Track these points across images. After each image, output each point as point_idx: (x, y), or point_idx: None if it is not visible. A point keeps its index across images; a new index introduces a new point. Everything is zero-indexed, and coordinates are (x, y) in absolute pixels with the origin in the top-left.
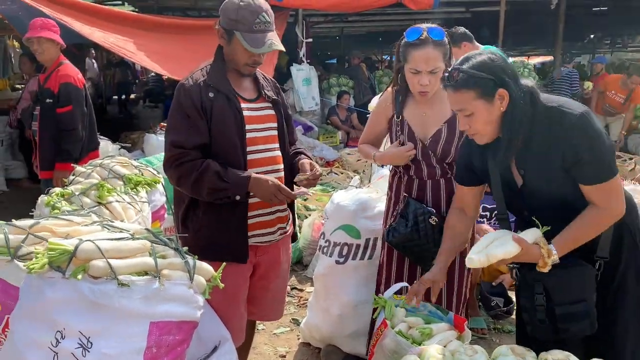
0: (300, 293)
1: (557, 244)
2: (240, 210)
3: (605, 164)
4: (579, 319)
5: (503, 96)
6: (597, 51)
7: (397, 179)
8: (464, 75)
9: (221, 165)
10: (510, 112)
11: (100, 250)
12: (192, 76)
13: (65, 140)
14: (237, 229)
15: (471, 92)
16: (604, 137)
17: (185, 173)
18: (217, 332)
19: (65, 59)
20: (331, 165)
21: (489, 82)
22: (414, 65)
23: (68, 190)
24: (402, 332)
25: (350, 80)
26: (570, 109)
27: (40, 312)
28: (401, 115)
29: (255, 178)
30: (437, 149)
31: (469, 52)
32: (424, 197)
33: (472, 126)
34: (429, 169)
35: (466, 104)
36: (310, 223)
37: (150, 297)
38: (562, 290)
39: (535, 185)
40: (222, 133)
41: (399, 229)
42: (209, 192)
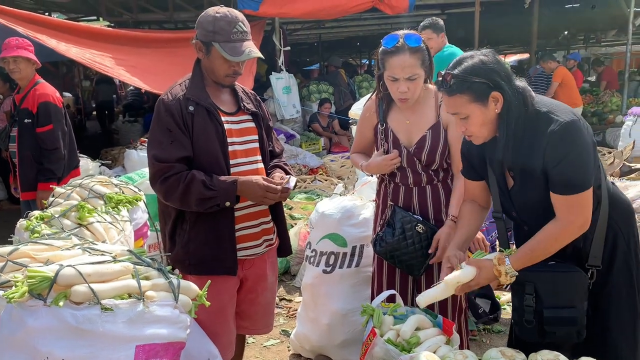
0: (289, 304)
1: (513, 258)
2: (228, 222)
3: (578, 177)
4: (566, 324)
5: (497, 98)
6: (571, 47)
7: (384, 186)
8: (457, 80)
9: (206, 174)
10: (505, 114)
11: (82, 275)
12: (171, 91)
13: (48, 160)
14: (226, 240)
15: (465, 96)
16: (584, 149)
17: (172, 187)
18: (206, 350)
19: (40, 78)
20: (315, 172)
21: (482, 85)
22: (391, 73)
23: (47, 213)
24: (391, 340)
25: (330, 87)
26: (558, 116)
27: (22, 342)
28: (385, 123)
29: (243, 182)
30: (421, 155)
31: (462, 55)
32: (410, 204)
33: (468, 128)
34: (414, 176)
35: (461, 107)
36: (296, 232)
37: (135, 320)
38: (552, 294)
39: (522, 188)
40: (204, 146)
41: (386, 238)
42: (197, 202)
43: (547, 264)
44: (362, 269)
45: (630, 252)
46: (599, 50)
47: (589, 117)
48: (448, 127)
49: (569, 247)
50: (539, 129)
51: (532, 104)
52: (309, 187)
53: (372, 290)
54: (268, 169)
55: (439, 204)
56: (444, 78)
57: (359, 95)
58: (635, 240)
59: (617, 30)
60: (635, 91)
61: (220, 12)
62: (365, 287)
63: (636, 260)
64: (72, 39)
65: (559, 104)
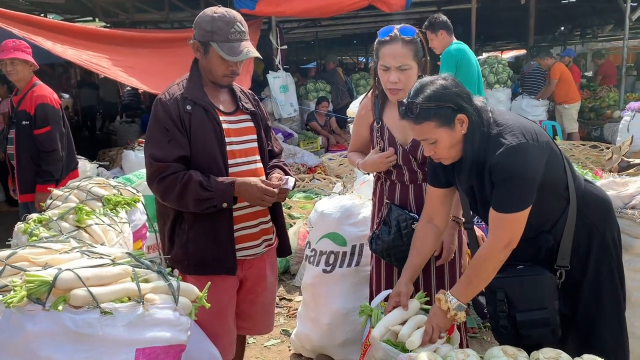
0: (289, 303)
1: (454, 291)
2: (226, 222)
3: (513, 198)
4: (539, 326)
5: (462, 120)
6: (568, 43)
7: (380, 184)
8: (420, 108)
9: (204, 174)
10: (470, 134)
11: (81, 279)
12: (168, 90)
13: (46, 162)
14: (224, 240)
15: (432, 122)
16: (525, 172)
17: (169, 187)
18: (206, 352)
19: (38, 80)
20: (313, 171)
21: (447, 110)
22: (383, 62)
23: (45, 215)
24: (390, 341)
25: (327, 85)
26: (506, 139)
27: (21, 347)
28: (381, 120)
29: (240, 183)
30: (417, 153)
31: (421, 81)
32: (406, 202)
33: (436, 152)
34: (410, 174)
35: (429, 134)
36: (295, 231)
37: (135, 324)
38: (522, 298)
39: (482, 206)
40: (202, 146)
41: (382, 236)
42: (194, 203)
43: (516, 269)
44: (362, 268)
45: (606, 245)
46: (596, 46)
47: (587, 113)
48: None
49: (541, 250)
50: (490, 150)
51: (488, 124)
52: (307, 186)
53: (370, 289)
54: (267, 169)
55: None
56: (409, 107)
57: (357, 93)
58: (612, 234)
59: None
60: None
61: (218, 12)
62: (366, 286)
63: (615, 253)
64: (68, 40)
65: (513, 122)
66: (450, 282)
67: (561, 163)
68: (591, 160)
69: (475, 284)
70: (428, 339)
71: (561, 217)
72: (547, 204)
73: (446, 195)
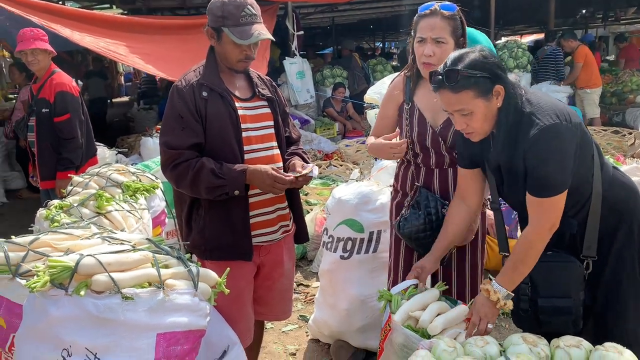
0: (306, 289)
1: (499, 279)
2: (241, 208)
3: (551, 181)
4: (561, 314)
5: (499, 92)
6: (589, 26)
7: (404, 168)
8: (461, 76)
9: (216, 161)
10: (505, 107)
11: (102, 265)
12: (185, 77)
13: (66, 149)
14: (240, 226)
15: (470, 92)
16: (561, 154)
17: (182, 174)
18: (225, 337)
19: (57, 68)
20: (330, 157)
21: (486, 80)
22: (419, 34)
23: (66, 202)
24: (410, 326)
25: (344, 71)
26: (539, 119)
27: (45, 331)
28: (412, 101)
29: (252, 171)
30: (447, 135)
31: (458, 50)
32: (431, 186)
33: (469, 125)
34: (437, 157)
35: (465, 104)
36: (312, 218)
37: (155, 309)
38: (548, 284)
39: (510, 187)
40: (217, 133)
41: (411, 219)
42: (206, 190)
43: (545, 254)
44: (379, 255)
45: (632, 234)
46: (618, 29)
47: (609, 97)
48: None
49: (565, 236)
50: (522, 130)
51: (521, 100)
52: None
53: (388, 278)
54: (286, 156)
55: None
56: (448, 75)
57: (373, 79)
58: (638, 223)
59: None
60: None
61: None
62: (383, 272)
63: (638, 241)
64: (86, 28)
65: (546, 103)
66: (472, 272)
67: (591, 148)
68: (613, 146)
69: (520, 270)
70: (473, 331)
71: (587, 203)
72: (573, 189)
73: (476, 176)
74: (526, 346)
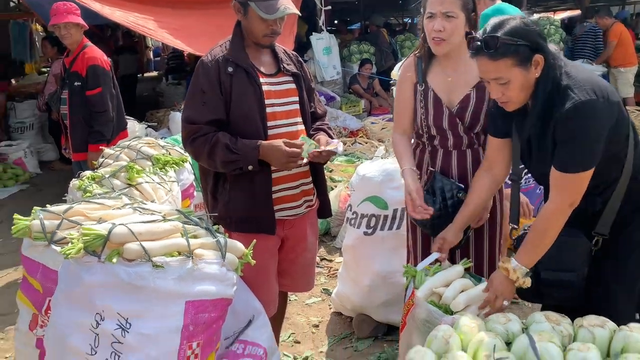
0: (329, 264)
1: (517, 255)
2: (265, 182)
3: (578, 158)
4: (563, 287)
5: (539, 61)
6: (627, 1)
7: (420, 151)
8: (500, 43)
9: (232, 136)
10: (544, 78)
11: (134, 234)
12: (211, 52)
13: (97, 122)
14: (263, 201)
15: (509, 60)
16: (592, 132)
17: (199, 148)
18: (251, 307)
19: (88, 41)
20: (355, 135)
21: (526, 48)
22: (429, 9)
23: (98, 173)
24: (434, 302)
25: (371, 47)
26: (575, 94)
27: (79, 296)
28: (425, 82)
29: (265, 146)
30: (465, 116)
31: (499, 17)
32: (448, 169)
33: (505, 94)
34: (455, 139)
35: (503, 72)
36: (336, 195)
37: (184, 277)
38: (552, 257)
39: (539, 160)
40: (241, 108)
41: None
42: (222, 165)
43: None
44: (402, 232)
45: None
46: None
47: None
48: None
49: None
50: (557, 102)
51: (560, 72)
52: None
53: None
54: (311, 132)
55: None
56: (487, 42)
57: (401, 55)
58: None
59: None
60: None
61: None
62: (406, 249)
63: None
64: (116, 2)
65: (585, 78)
66: (490, 248)
67: (627, 128)
68: None
69: (540, 248)
70: (487, 308)
71: (614, 183)
72: (603, 168)
73: (506, 146)
74: (549, 324)
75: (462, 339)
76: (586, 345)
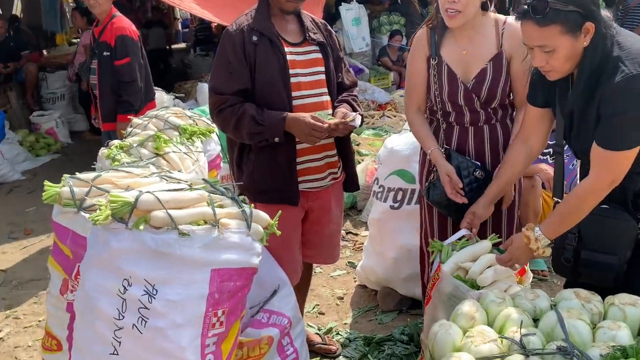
0: (355, 237)
1: (543, 225)
2: (289, 154)
3: (624, 135)
4: (603, 269)
5: (589, 30)
6: None
7: (434, 128)
8: (550, 9)
9: (258, 108)
10: (592, 47)
11: (160, 201)
12: (236, 21)
13: (126, 92)
14: (286, 172)
15: (557, 27)
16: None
17: (226, 119)
18: (276, 277)
19: (117, 11)
20: (383, 108)
21: (576, 15)
22: None
23: (126, 142)
24: (460, 277)
25: (402, 18)
26: (626, 66)
27: (107, 261)
28: (438, 56)
29: (291, 118)
30: (481, 91)
31: None
32: (465, 146)
33: (549, 62)
34: (471, 115)
35: (550, 39)
36: (363, 168)
37: (210, 246)
38: (596, 238)
39: (580, 133)
40: (266, 78)
41: (440, 185)
42: (248, 136)
43: (600, 207)
44: None
45: None
46: None
47: None
48: (512, 59)
49: (628, 192)
50: (605, 74)
51: (611, 42)
52: (377, 124)
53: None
54: (335, 103)
55: (497, 147)
56: (535, 6)
57: None
58: None
59: None
60: None
61: None
62: None
63: None
64: None
65: (638, 48)
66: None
67: None
68: None
69: (568, 222)
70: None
71: None
72: None
73: (546, 116)
74: (578, 302)
75: (489, 314)
76: (617, 323)
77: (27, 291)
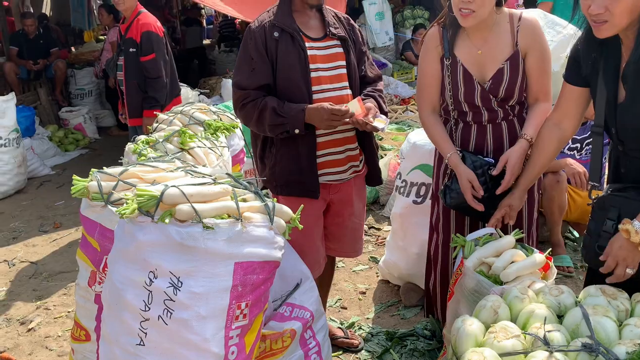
0: (377, 232)
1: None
2: (309, 147)
3: None
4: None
5: None
6: None
7: (449, 128)
8: None
9: (280, 100)
10: None
11: (185, 195)
12: (258, 18)
13: (152, 88)
14: (307, 165)
15: None
16: None
17: (249, 113)
18: (298, 271)
19: (142, 8)
20: (407, 102)
21: None
22: None
23: (152, 137)
24: (482, 272)
25: (425, 12)
26: None
27: (134, 254)
28: (452, 56)
29: (311, 108)
30: (499, 91)
31: None
32: (484, 144)
33: (609, 10)
34: (489, 113)
35: None
36: (386, 163)
37: (233, 239)
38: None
39: (634, 102)
40: (286, 73)
41: (455, 188)
42: (270, 129)
43: None
44: None
45: None
46: None
47: None
48: (527, 56)
49: None
50: None
51: None
52: (400, 118)
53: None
54: (362, 97)
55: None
56: None
57: None
58: None
59: None
60: None
61: None
62: None
63: None
64: None
65: None
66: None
67: None
68: None
69: None
70: (605, 272)
71: None
72: None
73: (583, 96)
74: (604, 298)
75: (512, 309)
76: None
77: (56, 283)
